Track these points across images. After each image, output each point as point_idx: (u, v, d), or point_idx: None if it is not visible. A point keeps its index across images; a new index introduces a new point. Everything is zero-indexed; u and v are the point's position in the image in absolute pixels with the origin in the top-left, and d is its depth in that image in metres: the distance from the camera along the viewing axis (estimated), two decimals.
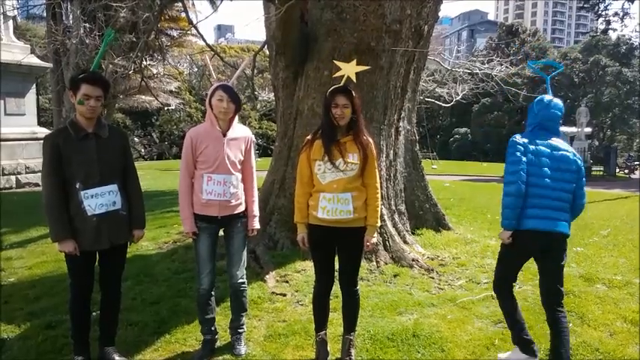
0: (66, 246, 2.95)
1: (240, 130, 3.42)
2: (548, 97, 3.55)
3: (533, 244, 3.37)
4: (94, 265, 3.17)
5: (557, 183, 3.29)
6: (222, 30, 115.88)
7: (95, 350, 3.28)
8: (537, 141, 3.36)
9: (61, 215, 2.96)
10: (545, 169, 3.26)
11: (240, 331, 3.51)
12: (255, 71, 9.33)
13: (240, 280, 3.46)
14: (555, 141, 3.39)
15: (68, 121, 3.08)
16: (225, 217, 3.33)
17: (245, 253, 3.49)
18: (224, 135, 3.29)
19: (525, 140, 3.34)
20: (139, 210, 3.25)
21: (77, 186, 2.97)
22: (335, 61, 3.53)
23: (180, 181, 3.35)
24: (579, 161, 3.40)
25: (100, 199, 3.01)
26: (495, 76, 14.02)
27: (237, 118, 3.38)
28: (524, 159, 3.26)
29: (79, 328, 3.16)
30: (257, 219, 3.50)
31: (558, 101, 3.51)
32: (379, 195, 3.20)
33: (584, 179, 3.48)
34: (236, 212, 3.36)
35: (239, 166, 3.37)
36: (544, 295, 3.39)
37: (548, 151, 3.32)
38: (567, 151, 3.38)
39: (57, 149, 2.94)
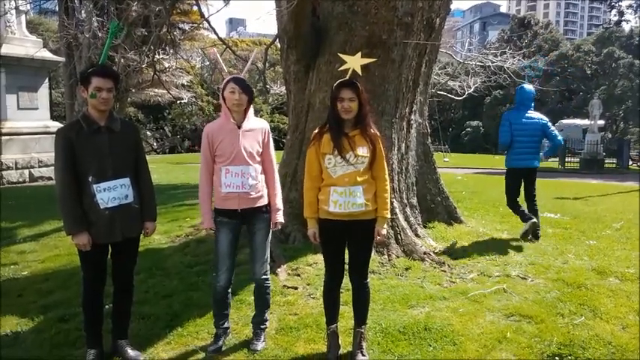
0: (80, 239, 2.98)
1: (255, 122, 3.42)
2: (526, 85, 6.46)
3: (521, 173, 6.30)
4: (107, 258, 3.20)
5: (529, 138, 6.16)
6: (233, 23, 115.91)
7: (108, 343, 3.32)
8: (519, 114, 6.20)
9: (75, 208, 2.98)
10: (523, 131, 6.12)
11: (262, 327, 3.50)
12: (267, 65, 9.32)
13: (264, 277, 3.46)
14: (530, 113, 6.23)
15: (80, 115, 3.10)
16: (246, 210, 3.31)
17: (268, 249, 3.48)
18: (239, 127, 3.29)
19: (511, 116, 6.26)
20: (150, 203, 3.28)
21: (90, 179, 3.00)
22: (340, 55, 3.52)
23: (200, 177, 3.37)
24: (542, 121, 6.22)
25: (112, 193, 3.04)
26: (508, 68, 13.89)
27: (252, 109, 3.38)
28: (507, 128, 6.15)
29: (91, 321, 3.19)
30: (281, 212, 3.49)
31: (531, 88, 6.41)
32: (388, 187, 3.20)
33: (550, 129, 6.24)
34: (257, 205, 3.34)
35: (257, 158, 3.36)
36: (526, 198, 6.43)
37: (524, 120, 6.16)
38: (535, 118, 6.21)
39: (69, 143, 2.97)
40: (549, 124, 6.23)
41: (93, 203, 3.01)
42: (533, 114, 6.21)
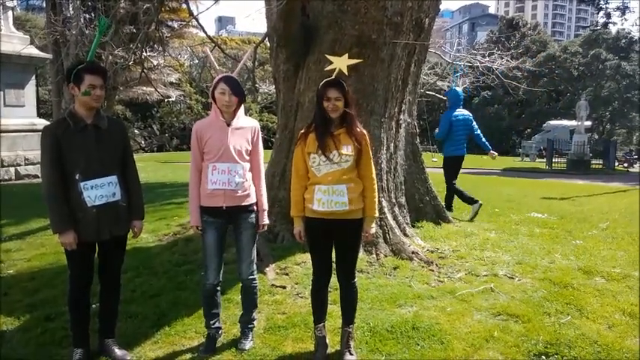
0: (66, 237, 2.95)
1: (246, 120, 3.41)
2: (456, 88, 8.23)
3: (457, 160, 7.96)
4: (94, 256, 3.17)
5: (463, 131, 7.84)
6: (223, 22, 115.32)
7: (95, 342, 3.29)
8: (453, 112, 7.81)
9: (61, 207, 2.95)
10: (457, 126, 7.76)
11: (250, 326, 3.48)
12: (256, 63, 9.29)
13: (251, 277, 3.44)
14: (459, 110, 7.88)
15: (67, 112, 3.06)
16: (231, 209, 3.29)
17: (255, 249, 3.46)
18: (228, 125, 3.28)
19: (449, 114, 7.80)
20: (138, 201, 3.25)
21: (77, 177, 2.97)
22: (327, 55, 3.53)
23: (190, 175, 3.35)
24: (469, 116, 7.97)
25: (99, 190, 3.01)
26: (496, 69, 13.97)
27: (242, 108, 3.37)
28: (447, 124, 7.76)
29: (77, 321, 3.16)
30: (266, 213, 3.49)
31: (460, 90, 8.18)
32: (376, 186, 3.21)
33: (473, 122, 8.03)
34: (243, 204, 3.32)
35: (246, 157, 3.34)
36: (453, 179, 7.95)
37: (458, 116, 7.79)
38: (466, 115, 7.93)
39: (56, 140, 2.93)
40: (472, 118, 8.09)
41: (80, 201, 2.98)
42: (463, 111, 7.92)
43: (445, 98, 8.63)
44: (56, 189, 2.95)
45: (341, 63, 3.24)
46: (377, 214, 3.24)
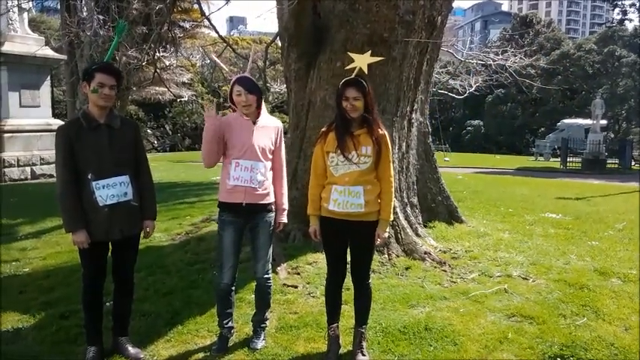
0: (78, 237, 2.97)
1: (270, 120, 3.41)
2: None
3: None
4: (107, 255, 3.19)
5: None
6: (234, 22, 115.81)
7: (109, 340, 3.31)
8: None
9: (74, 206, 2.98)
10: None
11: (262, 325, 3.48)
12: (268, 63, 9.31)
13: (266, 276, 3.44)
14: None
15: (80, 112, 3.09)
16: (251, 206, 3.28)
17: (271, 248, 3.46)
18: (254, 123, 3.29)
19: None
20: (150, 201, 3.26)
21: (89, 176, 2.99)
22: (349, 53, 3.49)
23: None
24: None
25: (111, 190, 3.03)
26: (509, 67, 13.84)
27: (264, 107, 3.36)
28: None
29: (91, 319, 3.18)
30: (285, 213, 3.47)
31: None
32: (393, 189, 3.18)
33: None
34: (262, 202, 3.32)
35: (269, 155, 3.34)
36: None
37: None
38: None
39: (69, 140, 2.96)
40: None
41: (92, 200, 3.00)
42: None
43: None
44: (69, 188, 2.98)
45: (362, 61, 3.19)
46: (391, 218, 3.21)
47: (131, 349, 3.25)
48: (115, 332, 3.33)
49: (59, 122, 14.73)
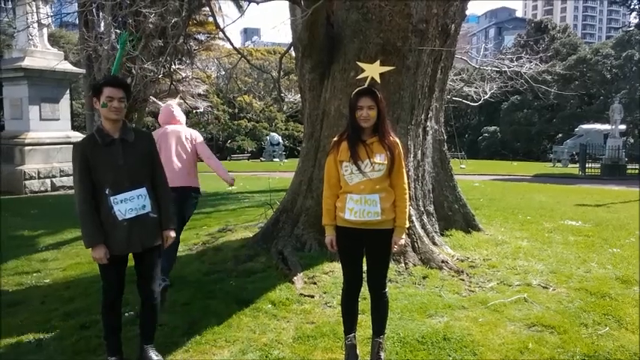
0: (96, 252, 3.01)
1: None
2: None
3: None
4: (125, 268, 3.23)
5: None
6: (248, 33, 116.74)
7: (129, 349, 3.34)
8: None
9: (92, 222, 3.02)
10: None
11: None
12: (282, 73, 9.38)
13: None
14: None
15: (95, 129, 3.15)
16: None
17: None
18: None
19: None
20: (168, 212, 3.29)
21: (106, 192, 3.03)
22: (359, 63, 3.51)
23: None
24: None
25: (129, 204, 3.06)
26: (525, 73, 13.75)
27: None
28: None
29: (109, 330, 3.23)
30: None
31: None
32: (407, 196, 3.17)
33: None
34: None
35: None
36: None
37: None
38: None
39: (84, 157, 3.01)
40: None
41: (111, 215, 3.04)
42: None
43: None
44: (87, 205, 3.03)
45: (373, 71, 3.21)
46: (407, 225, 3.20)
47: (154, 357, 3.28)
48: (142, 340, 3.36)
49: (78, 135, 15.03)
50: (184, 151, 4.78)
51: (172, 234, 3.33)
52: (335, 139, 3.25)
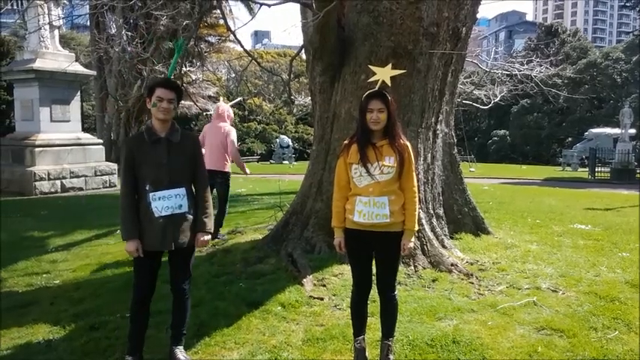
0: (129, 245, 3.12)
1: None
2: None
3: None
4: (158, 267, 3.30)
5: None
6: (259, 36, 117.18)
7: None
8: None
9: (129, 216, 3.13)
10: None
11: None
12: (292, 76, 9.41)
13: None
14: None
15: (144, 127, 3.28)
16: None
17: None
18: None
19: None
20: (204, 215, 3.29)
21: (147, 187, 3.14)
22: (370, 66, 3.51)
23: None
24: None
25: (166, 202, 3.14)
26: (535, 77, 13.70)
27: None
28: None
29: (135, 328, 3.27)
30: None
31: None
32: (417, 199, 3.17)
33: None
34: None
35: None
36: None
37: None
38: None
39: (131, 153, 3.15)
40: None
41: (148, 211, 3.13)
42: None
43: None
44: (128, 199, 3.16)
45: (384, 74, 3.22)
46: (416, 227, 3.20)
47: (182, 359, 3.30)
48: (172, 341, 3.39)
49: (89, 136, 15.15)
50: (220, 141, 6.50)
51: (206, 237, 3.32)
52: (345, 141, 3.26)
